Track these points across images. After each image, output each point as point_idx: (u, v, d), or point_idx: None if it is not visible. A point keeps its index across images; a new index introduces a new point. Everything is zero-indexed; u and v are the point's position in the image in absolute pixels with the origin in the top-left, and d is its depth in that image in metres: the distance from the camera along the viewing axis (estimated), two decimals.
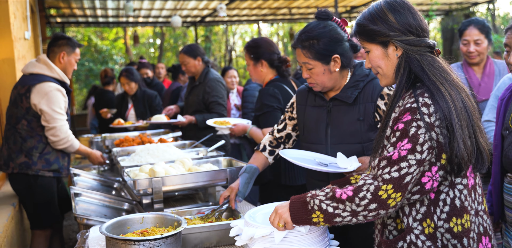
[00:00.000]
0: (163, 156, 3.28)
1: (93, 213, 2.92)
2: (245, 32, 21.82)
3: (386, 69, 1.84)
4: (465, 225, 1.67)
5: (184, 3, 10.40)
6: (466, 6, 13.12)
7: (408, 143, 1.62)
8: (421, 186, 1.65)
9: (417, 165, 1.61)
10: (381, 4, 1.82)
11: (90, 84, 17.26)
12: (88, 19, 12.22)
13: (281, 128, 2.74)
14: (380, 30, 1.78)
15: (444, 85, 1.66)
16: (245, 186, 2.60)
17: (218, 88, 4.72)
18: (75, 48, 3.93)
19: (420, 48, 1.75)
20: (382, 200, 1.61)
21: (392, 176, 1.61)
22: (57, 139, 3.74)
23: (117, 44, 20.26)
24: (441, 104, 1.62)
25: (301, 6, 11.61)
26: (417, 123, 1.63)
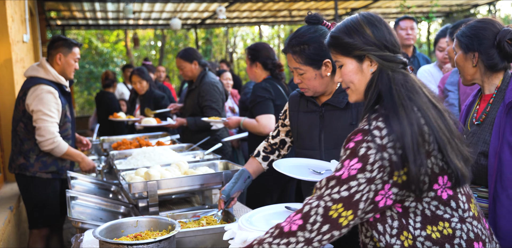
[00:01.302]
0: (159, 159, 3.28)
1: (89, 217, 2.92)
2: (246, 34, 21.84)
3: (359, 85, 1.80)
4: (443, 232, 1.64)
5: (184, 5, 10.41)
6: (466, 8, 13.12)
7: (358, 163, 1.58)
8: (375, 204, 1.61)
9: (367, 183, 1.57)
10: (358, 18, 1.79)
11: (91, 87, 17.30)
12: (88, 21, 12.24)
13: (275, 134, 2.73)
14: (356, 44, 1.74)
15: (405, 107, 1.62)
16: (229, 185, 2.57)
17: (211, 92, 4.69)
18: (71, 47, 3.96)
19: (394, 65, 1.72)
20: (333, 219, 1.57)
21: (341, 196, 1.57)
22: (42, 139, 3.73)
23: (118, 47, 20.28)
24: (395, 128, 1.58)
25: (301, 8, 11.62)
26: (367, 144, 1.59)
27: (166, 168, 2.94)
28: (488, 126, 2.27)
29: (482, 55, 2.27)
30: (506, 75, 2.30)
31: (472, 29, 2.29)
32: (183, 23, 13.04)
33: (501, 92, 2.27)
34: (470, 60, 2.30)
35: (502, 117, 2.20)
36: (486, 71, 2.30)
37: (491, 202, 2.20)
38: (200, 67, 4.87)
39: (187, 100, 4.90)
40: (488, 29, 2.26)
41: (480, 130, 2.30)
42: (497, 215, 2.18)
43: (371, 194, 1.58)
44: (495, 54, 2.25)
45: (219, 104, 4.74)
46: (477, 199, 2.29)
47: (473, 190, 2.31)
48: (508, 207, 2.16)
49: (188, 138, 4.75)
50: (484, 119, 2.30)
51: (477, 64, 2.30)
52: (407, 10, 10.70)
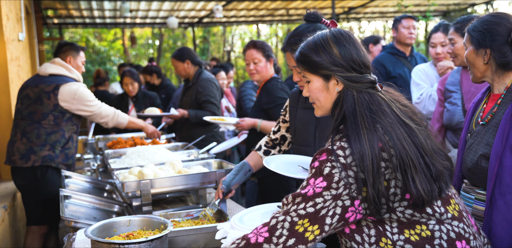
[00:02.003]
0: (153, 158, 3.27)
1: (82, 216, 2.91)
2: (244, 33, 21.82)
3: (325, 102, 1.81)
4: (422, 234, 1.64)
5: (181, 4, 10.39)
6: (464, 7, 13.11)
7: (323, 182, 1.60)
8: (345, 221, 1.63)
9: (333, 199, 1.59)
10: (327, 35, 1.79)
11: (88, 86, 17.25)
12: (85, 20, 12.21)
13: (276, 130, 2.78)
14: (323, 63, 1.74)
15: (367, 130, 1.63)
16: (230, 176, 2.60)
17: (210, 87, 4.80)
18: (79, 51, 4.22)
19: (361, 85, 1.72)
20: (299, 234, 1.59)
21: (307, 211, 1.59)
22: (107, 119, 4.12)
23: (115, 45, 20.25)
24: (355, 150, 1.60)
25: (299, 7, 11.61)
26: (331, 164, 1.61)
27: (160, 167, 2.94)
28: (492, 127, 2.16)
29: (495, 52, 2.15)
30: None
31: (485, 23, 2.16)
32: (181, 22, 13.02)
33: (511, 93, 2.16)
34: (481, 56, 2.18)
35: (508, 120, 2.09)
36: (497, 69, 2.17)
37: (487, 207, 2.13)
38: (194, 66, 4.96)
39: (184, 98, 4.95)
40: (502, 25, 2.13)
41: (485, 131, 2.20)
42: (492, 221, 2.11)
43: (339, 210, 1.60)
44: (508, 51, 2.13)
45: (217, 99, 4.84)
46: (475, 201, 2.23)
47: (471, 191, 2.26)
48: (505, 214, 2.08)
49: (185, 135, 4.77)
50: (490, 120, 2.20)
51: (489, 61, 2.17)
52: (404, 9, 10.70)
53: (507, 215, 2.07)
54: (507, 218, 2.07)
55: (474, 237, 1.73)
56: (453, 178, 1.79)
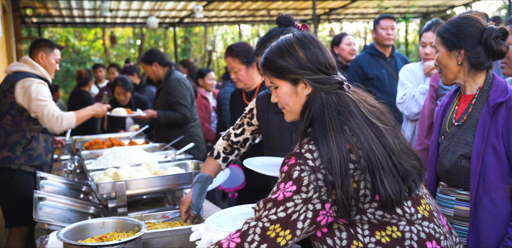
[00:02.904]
0: (129, 160, 3.25)
1: (56, 218, 2.87)
2: (226, 33, 21.78)
3: (294, 106, 1.81)
4: (392, 236, 1.66)
5: (162, 4, 10.34)
6: (443, 8, 13.25)
7: (293, 185, 1.61)
8: (317, 224, 1.63)
9: (303, 203, 1.60)
10: (291, 39, 1.78)
11: (68, 85, 17.07)
12: (65, 19, 12.07)
13: (239, 132, 2.69)
14: (290, 68, 1.74)
15: (335, 132, 1.64)
16: (198, 198, 2.52)
17: (179, 88, 4.73)
18: (53, 48, 4.06)
19: (329, 86, 1.73)
20: (271, 239, 1.59)
21: (278, 216, 1.60)
22: (50, 124, 3.79)
23: (96, 45, 20.07)
24: (323, 153, 1.61)
25: (280, 8, 11.62)
26: (300, 167, 1.62)
27: (135, 168, 2.92)
28: (470, 127, 2.20)
29: (469, 52, 2.18)
30: (488, 76, 2.23)
31: (457, 25, 2.20)
32: (161, 22, 12.95)
33: (484, 93, 2.20)
34: (454, 58, 2.22)
35: (486, 118, 2.13)
36: (470, 69, 2.22)
37: (473, 206, 2.15)
38: (164, 67, 4.92)
39: (157, 100, 4.93)
40: (474, 26, 2.18)
41: (461, 131, 2.23)
42: (479, 220, 2.14)
43: (310, 214, 1.61)
44: (481, 51, 2.17)
45: (187, 99, 4.77)
46: (456, 202, 2.25)
47: (451, 193, 2.27)
48: (491, 211, 2.11)
49: (162, 137, 4.74)
50: (466, 120, 2.23)
51: (462, 62, 2.21)
52: (384, 11, 10.79)
53: (494, 212, 2.11)
54: (494, 216, 2.11)
55: (445, 237, 1.74)
56: (422, 178, 1.80)
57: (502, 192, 2.11)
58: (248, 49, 3.63)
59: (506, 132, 2.10)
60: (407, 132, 3.85)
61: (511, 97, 2.12)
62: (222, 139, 2.73)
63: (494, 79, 2.22)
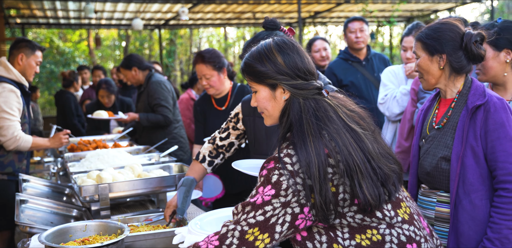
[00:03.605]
0: (113, 162, 3.23)
1: (38, 220, 2.85)
2: (212, 36, 21.76)
3: (273, 111, 1.83)
4: (373, 239, 1.67)
5: (147, 6, 10.31)
6: (427, 13, 13.40)
7: (272, 189, 1.62)
8: (295, 228, 1.65)
9: (282, 207, 1.61)
10: (271, 44, 1.80)
11: (52, 87, 16.94)
12: (49, 20, 11.99)
13: (224, 136, 2.71)
14: (268, 73, 1.76)
15: (313, 137, 1.65)
16: (183, 202, 2.52)
17: (159, 90, 4.74)
18: (35, 50, 3.92)
19: (307, 92, 1.74)
20: (249, 242, 1.61)
21: (257, 220, 1.61)
22: (5, 139, 3.66)
23: (80, 46, 19.93)
24: (301, 158, 1.62)
25: (265, 11, 11.65)
26: (279, 171, 1.63)
27: (119, 171, 2.91)
28: (450, 130, 2.24)
29: (451, 56, 2.22)
30: (467, 80, 2.27)
31: (438, 30, 2.24)
32: (147, 24, 12.91)
33: (463, 96, 2.24)
34: (436, 62, 2.24)
35: (465, 121, 2.16)
36: (451, 74, 2.25)
37: (453, 208, 2.18)
38: (143, 71, 4.92)
39: (139, 104, 4.93)
40: (454, 31, 2.21)
41: (441, 134, 2.27)
42: (459, 221, 2.17)
43: (288, 217, 1.62)
44: (462, 56, 2.21)
45: (169, 101, 4.77)
46: (437, 203, 2.28)
47: (432, 194, 2.30)
48: (471, 212, 2.15)
49: (146, 140, 4.73)
50: (446, 123, 2.27)
51: (444, 66, 2.24)
52: (369, 14, 10.88)
53: (473, 213, 2.14)
54: (474, 217, 2.14)
55: (426, 240, 1.77)
56: (401, 181, 1.82)
57: (481, 194, 2.15)
58: (218, 55, 3.63)
59: (484, 134, 2.14)
60: (388, 134, 3.87)
61: (489, 100, 2.16)
62: (207, 143, 2.74)
63: (473, 83, 2.27)
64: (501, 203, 2.10)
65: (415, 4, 11.76)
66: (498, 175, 2.12)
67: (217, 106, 3.70)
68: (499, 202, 2.11)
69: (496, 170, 2.13)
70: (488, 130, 2.13)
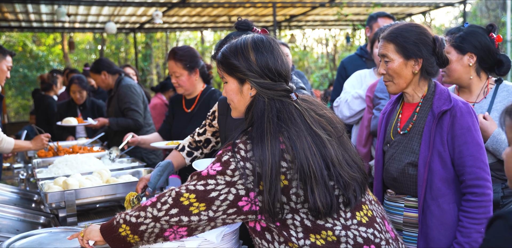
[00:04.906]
0: (81, 168, 3.19)
1: (4, 228, 2.79)
2: (189, 39, 21.70)
3: (238, 104, 1.87)
4: (328, 239, 1.67)
5: (122, 9, 10.23)
6: (401, 16, 13.54)
7: (220, 167, 1.68)
8: (238, 208, 1.67)
9: (225, 185, 1.66)
10: (248, 41, 1.83)
11: (25, 91, 16.69)
12: (21, 23, 11.82)
13: (201, 132, 2.79)
14: (239, 67, 1.79)
15: (271, 136, 1.67)
16: (156, 178, 2.59)
17: (129, 94, 4.71)
18: (5, 55, 3.88)
19: (274, 92, 1.77)
20: (183, 206, 1.67)
21: (196, 188, 1.67)
22: None
23: (55, 50, 19.69)
24: (256, 154, 1.65)
25: (241, 14, 11.66)
26: (232, 153, 1.68)
27: (86, 176, 2.87)
28: (416, 135, 2.23)
29: (427, 61, 2.20)
30: (431, 84, 2.26)
31: (415, 34, 2.20)
32: (121, 27, 12.82)
33: (428, 101, 2.23)
34: (410, 67, 2.21)
35: (431, 126, 2.15)
36: (421, 78, 2.24)
37: (421, 213, 2.18)
38: (113, 75, 4.90)
39: (109, 108, 4.90)
40: (429, 35, 2.20)
41: (407, 139, 2.26)
42: (428, 226, 2.16)
43: (231, 197, 1.65)
44: (434, 60, 2.21)
45: (139, 105, 4.74)
46: (405, 208, 2.27)
47: (400, 199, 2.30)
48: (440, 217, 2.15)
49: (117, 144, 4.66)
50: (411, 128, 2.25)
51: (418, 71, 2.22)
52: (344, 18, 10.95)
53: (442, 218, 2.15)
54: (442, 222, 2.15)
55: (387, 243, 1.77)
56: (365, 188, 1.82)
57: (448, 198, 2.16)
58: (192, 54, 3.48)
59: (451, 139, 2.14)
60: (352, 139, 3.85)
61: (454, 105, 2.16)
62: (189, 136, 2.84)
63: (437, 87, 2.26)
64: (469, 208, 2.12)
65: (389, 7, 11.88)
66: (466, 180, 2.13)
67: (185, 108, 3.62)
68: (467, 206, 2.12)
69: (464, 175, 2.14)
70: (455, 135, 2.14)
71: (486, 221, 2.09)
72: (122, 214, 1.77)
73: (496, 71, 2.62)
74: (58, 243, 2.08)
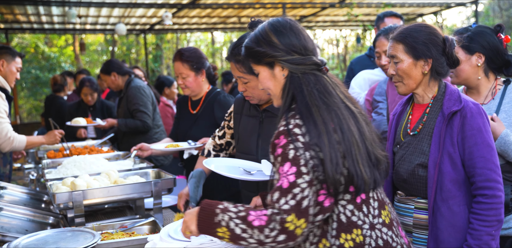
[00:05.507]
0: (90, 168, 3.20)
1: (13, 228, 2.82)
2: (200, 40, 21.75)
3: (275, 90, 1.85)
4: (356, 240, 1.66)
5: (132, 10, 10.28)
6: (412, 17, 13.47)
7: (292, 167, 1.61)
8: (320, 205, 1.63)
9: (309, 187, 1.59)
10: (265, 27, 1.84)
11: (37, 92, 16.81)
12: (33, 25, 11.92)
13: (221, 135, 2.78)
14: (264, 51, 1.80)
15: (318, 107, 1.67)
16: (194, 191, 2.57)
17: (138, 95, 4.74)
18: (15, 56, 3.97)
19: (305, 67, 1.76)
20: (290, 232, 1.57)
21: (290, 205, 1.58)
22: (0, 142, 3.69)
23: (66, 51, 19.83)
24: (310, 127, 1.63)
25: (251, 15, 11.66)
26: (293, 145, 1.63)
27: (94, 177, 2.88)
28: (426, 136, 2.20)
29: (437, 62, 2.18)
30: (441, 84, 2.24)
31: (425, 34, 2.18)
32: (132, 29, 12.88)
33: (438, 102, 2.21)
34: (420, 67, 2.19)
35: (441, 127, 2.14)
36: (431, 79, 2.22)
37: (431, 215, 2.16)
38: (123, 76, 4.93)
39: (119, 110, 4.92)
40: (439, 36, 2.18)
41: (417, 140, 2.23)
42: (438, 228, 2.15)
43: (315, 196, 1.62)
44: (444, 61, 2.19)
45: (148, 106, 4.76)
46: (415, 210, 2.25)
47: (410, 201, 2.28)
48: (450, 219, 2.13)
49: (127, 146, 4.70)
50: (421, 129, 2.23)
51: (428, 71, 2.20)
52: (354, 18, 10.91)
53: (452, 220, 2.12)
54: (453, 224, 2.12)
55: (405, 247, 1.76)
56: (388, 172, 1.82)
57: (458, 200, 2.13)
58: (198, 55, 3.47)
59: (461, 141, 2.12)
60: None
61: (465, 105, 2.14)
62: (211, 139, 2.83)
63: (447, 88, 2.24)
64: (480, 210, 2.09)
65: (400, 8, 11.82)
66: (477, 182, 2.10)
67: (191, 109, 3.61)
68: (478, 209, 2.10)
69: (474, 177, 2.11)
70: (465, 136, 2.11)
71: (497, 224, 2.08)
72: (226, 216, 1.64)
73: (504, 72, 2.60)
74: (63, 242, 2.09)
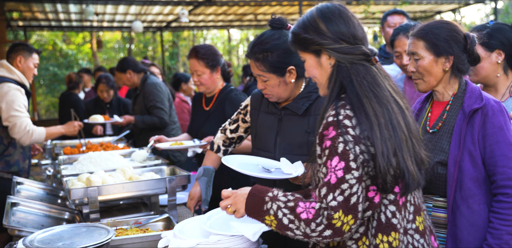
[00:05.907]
0: (105, 165, 3.22)
1: (29, 223, 2.84)
2: (217, 38, 21.78)
3: (321, 79, 1.78)
4: (393, 244, 1.61)
5: (148, 8, 10.33)
6: (430, 14, 13.36)
7: (340, 162, 1.55)
8: (370, 201, 1.59)
9: (358, 183, 1.54)
10: (313, 13, 1.77)
11: (55, 89, 16.97)
12: (51, 23, 12.03)
13: (234, 129, 2.70)
14: (311, 39, 1.72)
15: (369, 99, 1.60)
16: (206, 192, 2.56)
17: (155, 92, 4.78)
18: (32, 52, 4.03)
19: (353, 56, 1.69)
20: (337, 228, 1.54)
21: (338, 201, 1.54)
22: (19, 136, 3.77)
23: (84, 49, 19.99)
24: (361, 119, 1.56)
25: (267, 13, 11.66)
26: (343, 138, 1.56)
27: (109, 173, 2.89)
28: (446, 134, 2.17)
29: (458, 58, 2.15)
30: (462, 82, 2.21)
31: (446, 31, 2.15)
32: (148, 26, 12.94)
33: (458, 99, 2.18)
34: (441, 64, 2.16)
35: (462, 125, 2.10)
36: (451, 76, 2.18)
37: (450, 213, 2.13)
38: (138, 74, 4.97)
39: (135, 107, 4.95)
40: (460, 32, 2.15)
41: (436, 138, 2.20)
42: (457, 227, 2.11)
43: (365, 192, 1.58)
44: (465, 58, 2.16)
45: (164, 103, 4.80)
46: (433, 209, 2.22)
47: (428, 199, 2.24)
48: (469, 218, 2.09)
49: (143, 143, 4.72)
50: (441, 127, 2.20)
51: (449, 68, 2.17)
52: (371, 16, 10.84)
53: (472, 219, 2.09)
54: (472, 222, 2.09)
55: None
56: (428, 175, 1.78)
57: (478, 198, 2.10)
58: (213, 52, 3.46)
59: (482, 138, 2.08)
60: None
61: (486, 103, 2.10)
62: (220, 133, 2.75)
63: (468, 85, 2.20)
64: (501, 209, 2.05)
65: (417, 5, 11.73)
66: (498, 180, 2.07)
67: (204, 106, 3.60)
68: (498, 208, 2.06)
69: (495, 175, 2.07)
70: (486, 134, 2.08)
71: None
72: (275, 204, 1.62)
73: None
74: (78, 238, 2.09)
